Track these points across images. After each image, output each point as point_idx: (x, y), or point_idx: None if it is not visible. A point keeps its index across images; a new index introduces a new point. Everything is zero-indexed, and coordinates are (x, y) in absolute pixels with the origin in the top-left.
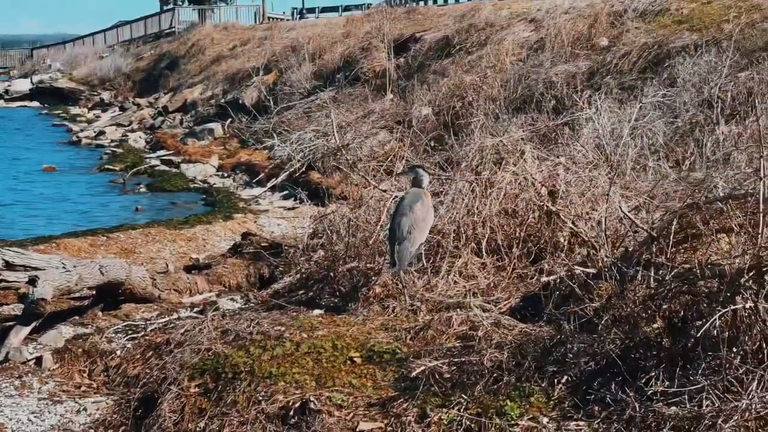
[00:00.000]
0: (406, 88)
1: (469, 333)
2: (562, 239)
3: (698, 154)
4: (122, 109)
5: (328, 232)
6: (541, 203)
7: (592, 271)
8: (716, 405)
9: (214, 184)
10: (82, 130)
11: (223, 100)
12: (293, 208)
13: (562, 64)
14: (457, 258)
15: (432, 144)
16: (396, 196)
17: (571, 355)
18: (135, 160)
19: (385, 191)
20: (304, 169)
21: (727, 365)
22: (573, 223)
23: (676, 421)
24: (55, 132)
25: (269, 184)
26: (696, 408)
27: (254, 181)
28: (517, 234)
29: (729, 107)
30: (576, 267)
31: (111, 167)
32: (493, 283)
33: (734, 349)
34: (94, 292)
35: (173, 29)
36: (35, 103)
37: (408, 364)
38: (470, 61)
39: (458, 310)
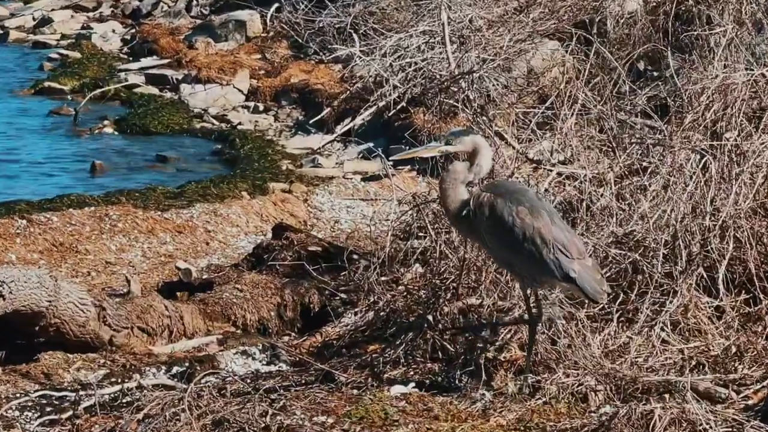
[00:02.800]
0: None
1: None
2: None
3: None
4: None
5: (431, 232)
6: None
7: None
8: None
9: (239, 123)
10: (11, 15)
11: None
12: (378, 178)
13: None
14: (670, 296)
15: (642, 66)
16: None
17: None
18: (100, 74)
19: (537, 163)
20: (404, 103)
21: None
22: None
23: None
24: None
25: (339, 129)
26: None
27: (312, 121)
28: None
29: None
30: None
31: (57, 85)
32: (736, 346)
33: None
34: None
35: None
36: None
37: None
38: None
39: (667, 397)
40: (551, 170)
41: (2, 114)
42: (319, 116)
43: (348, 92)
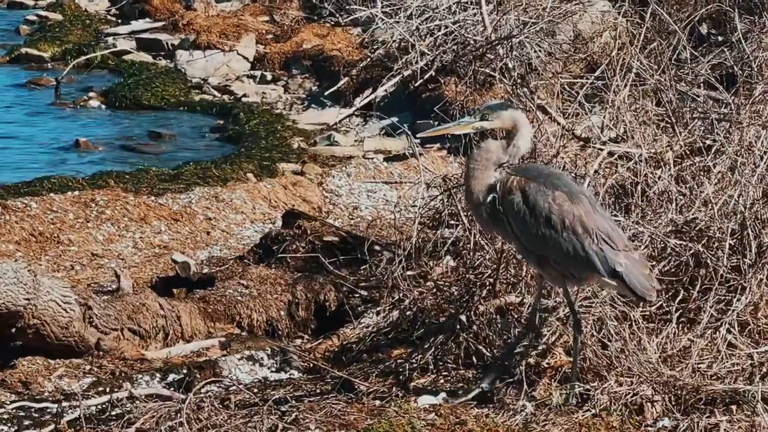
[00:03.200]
0: None
1: None
2: None
3: None
4: None
5: (465, 220)
6: None
7: None
8: None
9: (244, 95)
10: None
11: None
12: (404, 158)
13: None
14: (737, 292)
15: (705, 30)
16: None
17: None
18: (84, 39)
19: (586, 140)
20: (433, 72)
21: None
22: None
23: None
24: None
25: (358, 102)
26: None
27: (327, 92)
28: None
29: None
30: None
31: (35, 52)
32: None
33: None
34: None
35: None
36: None
37: None
38: None
39: (734, 409)
40: (602, 149)
41: None
42: (336, 87)
43: (368, 60)
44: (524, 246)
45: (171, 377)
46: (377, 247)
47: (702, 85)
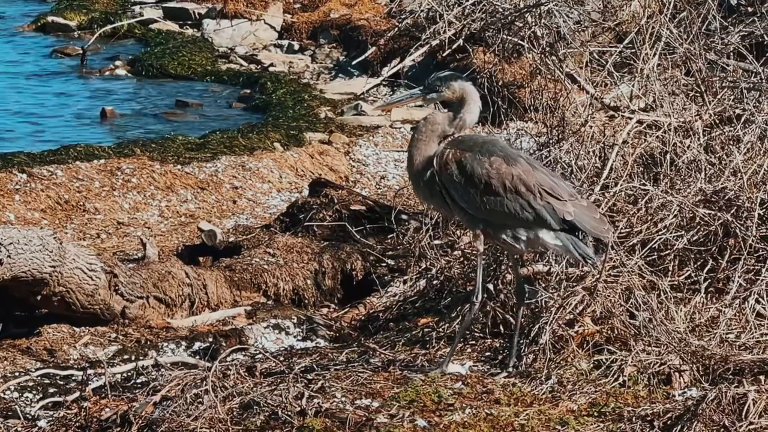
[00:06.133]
0: None
1: None
2: None
3: None
4: None
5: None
6: None
7: None
8: None
9: (272, 65)
10: None
11: None
12: None
13: None
14: (766, 262)
15: (735, 0)
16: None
17: None
18: (111, 8)
19: (615, 110)
20: (461, 41)
21: None
22: None
23: None
24: None
25: (386, 71)
26: None
27: (355, 62)
28: None
29: None
30: None
31: (61, 20)
32: None
33: None
34: None
35: None
36: None
37: None
38: None
39: (762, 379)
40: (630, 118)
41: (2, 51)
42: (363, 57)
43: (396, 29)
44: (471, 216)
45: (197, 345)
46: (404, 216)
47: (731, 54)
